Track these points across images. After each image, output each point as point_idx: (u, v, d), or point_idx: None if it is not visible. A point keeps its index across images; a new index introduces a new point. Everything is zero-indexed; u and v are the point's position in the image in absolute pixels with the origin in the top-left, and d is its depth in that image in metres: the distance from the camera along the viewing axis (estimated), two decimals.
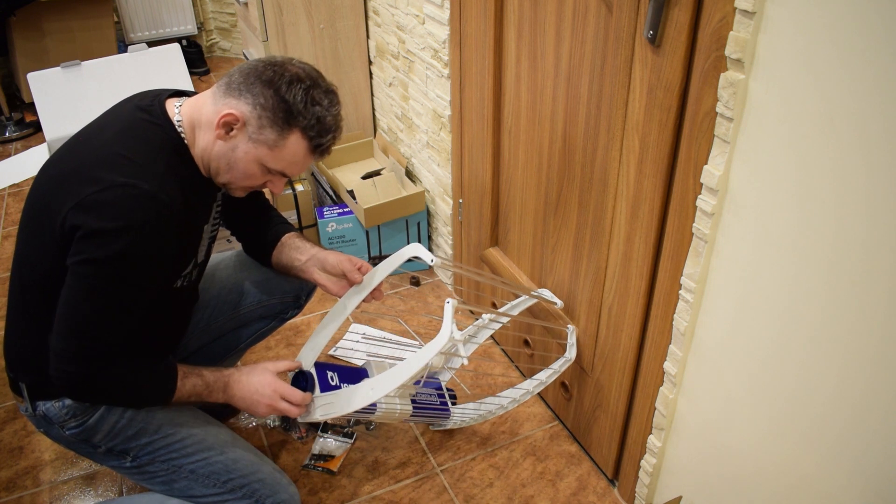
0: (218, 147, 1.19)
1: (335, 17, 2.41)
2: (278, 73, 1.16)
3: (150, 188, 1.10)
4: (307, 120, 1.17)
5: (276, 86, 1.15)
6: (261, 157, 1.19)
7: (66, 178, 1.13)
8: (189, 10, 3.75)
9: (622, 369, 1.44)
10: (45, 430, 1.28)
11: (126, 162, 1.12)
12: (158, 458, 1.28)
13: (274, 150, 1.18)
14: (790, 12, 0.88)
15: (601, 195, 1.36)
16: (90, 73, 2.19)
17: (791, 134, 0.93)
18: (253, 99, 1.15)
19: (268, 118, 1.16)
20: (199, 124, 1.20)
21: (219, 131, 1.17)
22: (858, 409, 0.95)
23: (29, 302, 1.22)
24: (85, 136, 1.21)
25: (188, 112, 1.21)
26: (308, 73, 1.19)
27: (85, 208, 1.08)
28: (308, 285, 1.61)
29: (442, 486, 1.62)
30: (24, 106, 3.34)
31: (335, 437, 1.73)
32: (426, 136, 2.16)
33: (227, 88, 1.18)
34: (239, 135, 1.17)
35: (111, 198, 1.08)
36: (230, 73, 1.19)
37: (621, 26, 1.16)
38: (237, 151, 1.19)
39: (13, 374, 1.27)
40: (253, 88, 1.15)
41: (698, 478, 1.34)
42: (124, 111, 1.22)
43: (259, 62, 1.18)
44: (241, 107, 1.16)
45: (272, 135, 1.17)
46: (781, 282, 1.01)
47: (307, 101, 1.16)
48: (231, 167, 1.21)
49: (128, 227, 1.08)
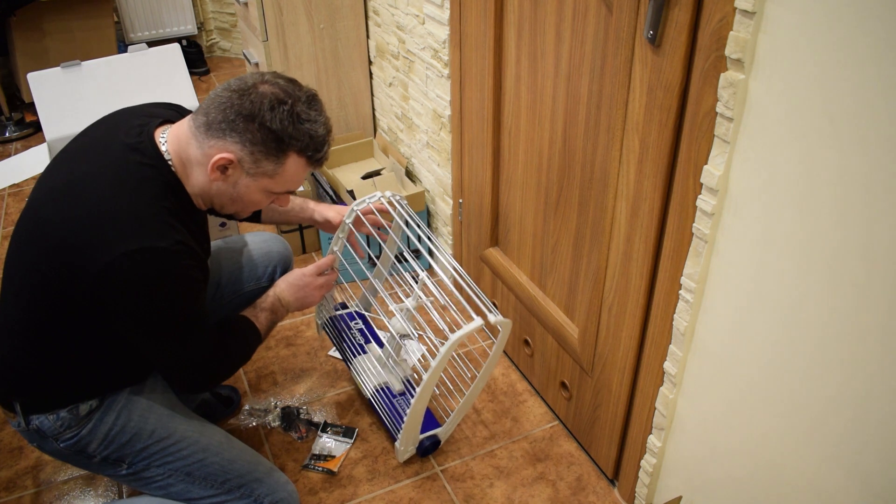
0: (217, 186, 1.19)
1: (335, 17, 2.41)
2: (255, 102, 1.12)
3: (165, 245, 1.09)
4: (300, 141, 1.16)
5: (259, 118, 1.12)
6: (263, 186, 1.20)
7: (75, 228, 1.09)
8: (189, 10, 3.75)
9: (622, 369, 1.44)
10: (39, 445, 1.27)
11: (133, 221, 1.09)
12: (154, 463, 1.28)
13: (275, 177, 1.18)
14: (790, 12, 0.88)
15: (601, 195, 1.36)
16: (90, 73, 2.18)
17: (791, 134, 0.93)
18: (239, 137, 1.13)
19: (261, 152, 1.14)
20: (189, 162, 1.18)
21: (214, 174, 1.16)
22: (858, 409, 0.95)
23: (32, 322, 1.19)
24: (80, 177, 1.14)
25: (174, 148, 1.18)
26: (283, 88, 1.15)
27: (109, 280, 1.07)
28: (282, 265, 1.64)
29: (442, 485, 1.62)
30: (24, 106, 3.34)
31: (335, 437, 1.73)
32: (426, 136, 2.16)
33: (207, 128, 1.14)
34: (235, 173, 1.17)
35: (131, 264, 1.07)
36: (205, 107, 1.15)
37: (621, 26, 1.16)
38: (238, 187, 1.19)
39: (4, 390, 1.25)
40: (236, 126, 1.12)
41: (698, 478, 1.34)
42: (115, 152, 1.17)
43: (231, 93, 1.14)
44: (230, 147, 1.14)
45: (270, 165, 1.16)
46: (781, 281, 1.01)
47: (293, 122, 1.14)
48: (235, 201, 1.22)
49: (158, 281, 1.10)
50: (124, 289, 1.08)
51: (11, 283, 1.20)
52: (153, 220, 1.11)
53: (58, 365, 1.21)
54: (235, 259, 1.58)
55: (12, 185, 2.87)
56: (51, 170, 1.22)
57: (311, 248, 2.41)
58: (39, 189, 1.20)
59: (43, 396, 1.22)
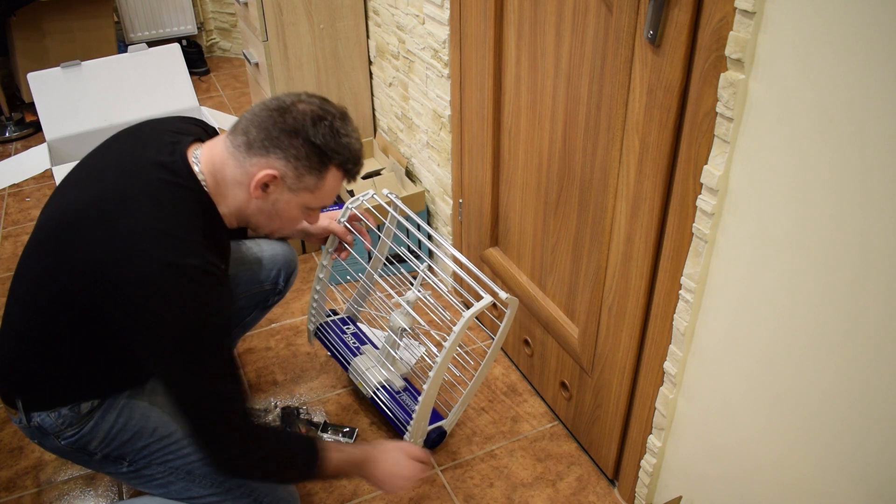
0: (255, 204, 1.19)
1: (335, 17, 2.41)
2: (298, 118, 1.14)
3: (198, 263, 1.08)
4: (341, 155, 1.19)
5: (304, 133, 1.14)
6: (303, 202, 1.21)
7: (111, 248, 1.07)
8: (189, 10, 3.75)
9: (622, 369, 1.44)
10: (40, 441, 1.27)
11: (170, 241, 1.08)
12: (155, 461, 1.28)
13: (315, 191, 1.20)
14: (790, 12, 0.88)
15: (601, 195, 1.36)
16: (90, 73, 2.19)
17: (791, 134, 0.93)
18: (283, 153, 1.14)
19: (304, 167, 1.16)
20: (225, 182, 1.18)
21: (257, 192, 1.17)
22: (857, 409, 0.95)
23: (42, 328, 1.18)
24: (113, 195, 1.12)
25: (208, 168, 1.18)
26: (320, 106, 1.18)
27: (143, 296, 1.05)
28: (286, 269, 1.62)
29: (442, 486, 1.62)
30: (24, 106, 3.34)
31: (335, 437, 1.73)
32: (426, 136, 2.16)
33: (248, 147, 1.15)
34: (277, 189, 1.18)
35: (166, 279, 1.05)
36: (243, 127, 1.17)
37: (621, 26, 1.16)
38: (278, 204, 1.20)
39: (6, 388, 1.25)
40: (280, 142, 1.14)
41: (698, 478, 1.34)
42: (147, 170, 1.15)
43: (270, 112, 1.16)
44: (274, 163, 1.15)
45: (311, 180, 1.18)
46: (781, 281, 1.01)
47: (334, 136, 1.17)
48: (273, 218, 1.23)
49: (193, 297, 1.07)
50: (157, 304, 1.06)
51: (24, 288, 1.19)
52: (189, 240, 1.10)
53: (63, 369, 1.21)
54: (242, 260, 1.58)
55: (12, 185, 2.87)
56: (76, 182, 1.20)
57: (311, 249, 2.41)
58: (63, 200, 1.18)
59: (45, 395, 1.22)
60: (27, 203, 2.74)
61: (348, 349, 1.76)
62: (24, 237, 2.53)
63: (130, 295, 1.06)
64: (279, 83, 2.45)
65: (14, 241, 2.52)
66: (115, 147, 1.24)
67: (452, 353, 1.45)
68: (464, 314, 1.39)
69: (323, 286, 1.76)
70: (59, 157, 2.35)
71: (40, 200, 2.75)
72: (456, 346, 1.44)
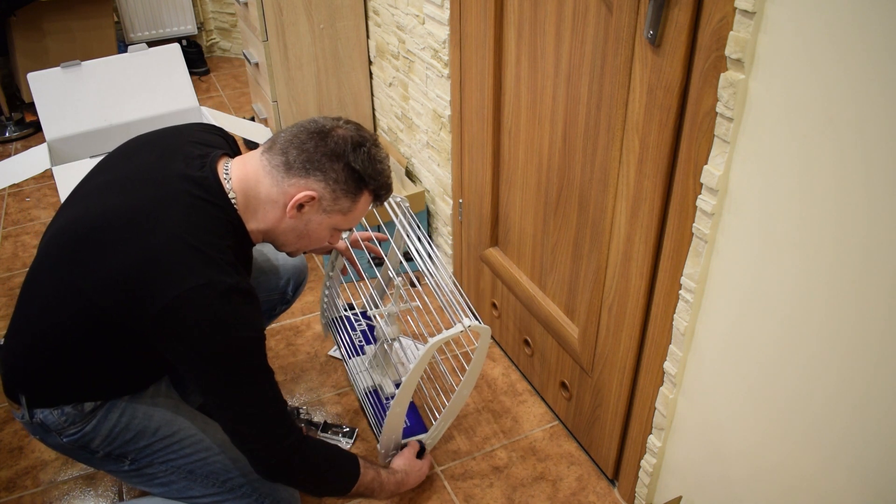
0: (287, 223, 1.21)
1: (335, 17, 2.41)
2: (339, 143, 1.18)
3: (233, 282, 1.09)
4: (376, 181, 1.23)
5: (345, 158, 1.17)
6: (334, 223, 1.24)
7: (143, 265, 1.07)
8: (189, 10, 3.75)
9: (622, 369, 1.44)
10: (42, 437, 1.27)
11: (203, 259, 1.09)
12: (157, 460, 1.28)
13: (347, 214, 1.23)
14: (790, 12, 0.88)
15: (601, 195, 1.36)
16: (90, 73, 2.19)
17: (791, 134, 0.93)
18: (324, 175, 1.17)
19: (342, 190, 1.19)
20: (258, 200, 1.19)
21: (292, 212, 1.19)
22: (858, 409, 0.95)
23: (56, 333, 1.17)
24: (143, 209, 1.12)
25: (240, 185, 1.19)
26: (357, 132, 1.21)
27: (175, 316, 1.06)
28: (295, 279, 1.62)
29: (442, 485, 1.62)
30: (24, 106, 3.34)
31: (335, 437, 1.73)
32: (426, 136, 2.17)
33: (287, 168, 1.17)
34: (311, 210, 1.20)
35: (198, 299, 1.06)
36: (282, 147, 1.18)
37: (621, 26, 1.16)
38: (311, 224, 1.22)
39: (12, 383, 1.25)
40: (321, 165, 1.17)
41: (698, 478, 1.34)
42: (177, 183, 1.15)
43: (310, 135, 1.18)
44: (313, 184, 1.17)
45: (346, 203, 1.21)
46: (782, 281, 1.01)
47: (371, 162, 1.21)
48: (301, 237, 1.25)
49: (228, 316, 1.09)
50: (195, 324, 1.07)
51: (43, 292, 1.19)
52: (223, 261, 1.11)
53: (75, 370, 1.20)
54: (254, 267, 1.58)
55: (12, 185, 2.86)
56: (99, 190, 1.19)
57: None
58: (87, 207, 1.17)
59: (50, 393, 1.22)
60: (27, 203, 2.74)
61: (353, 347, 1.76)
62: (24, 237, 2.53)
63: (167, 315, 1.06)
64: (279, 83, 2.46)
65: (14, 241, 2.52)
66: (139, 157, 1.23)
67: (416, 379, 1.43)
68: (430, 340, 1.35)
69: (333, 284, 1.78)
70: (59, 157, 2.34)
71: (40, 200, 2.75)
72: (420, 373, 1.41)
